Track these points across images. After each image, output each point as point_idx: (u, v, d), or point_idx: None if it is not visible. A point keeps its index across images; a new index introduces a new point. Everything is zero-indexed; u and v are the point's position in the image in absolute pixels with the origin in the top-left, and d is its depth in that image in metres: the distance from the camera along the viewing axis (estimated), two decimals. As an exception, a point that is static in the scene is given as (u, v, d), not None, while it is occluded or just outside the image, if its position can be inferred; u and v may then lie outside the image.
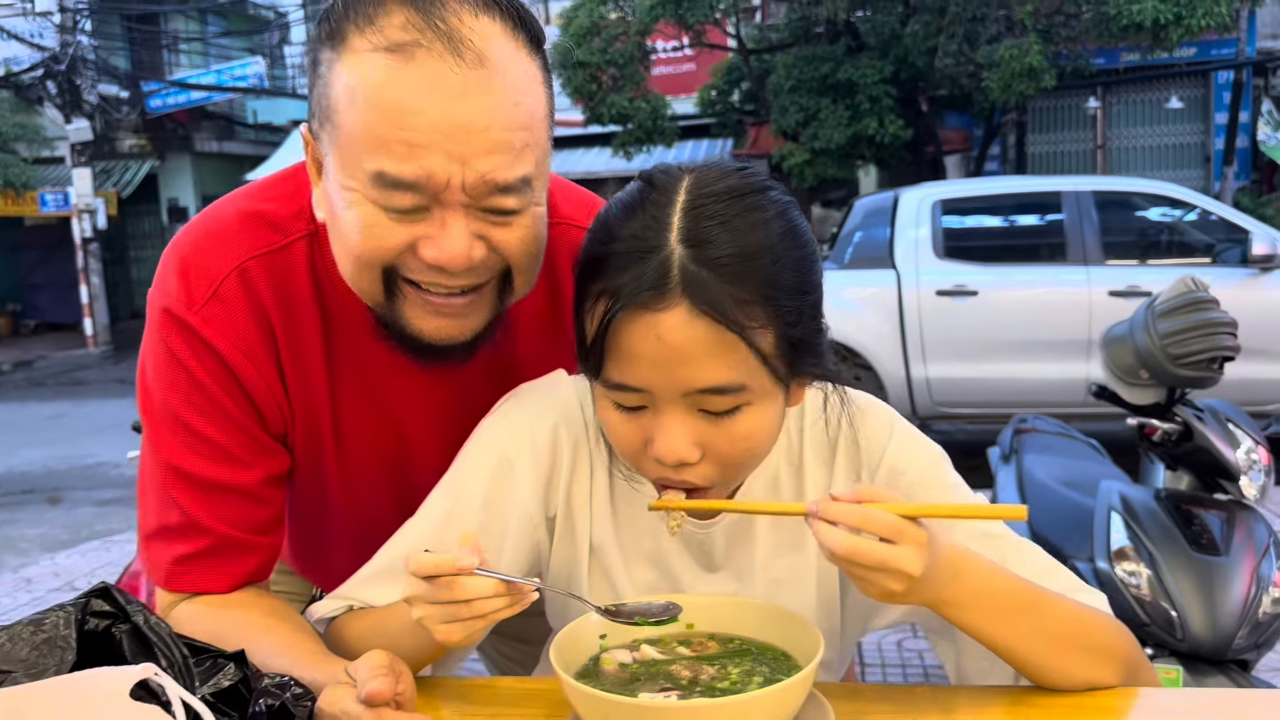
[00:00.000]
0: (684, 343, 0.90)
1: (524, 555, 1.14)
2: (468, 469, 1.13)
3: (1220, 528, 2.67)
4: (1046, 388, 6.29)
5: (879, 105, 11.85)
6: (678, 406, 0.94)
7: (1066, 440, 3.80)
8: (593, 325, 0.94)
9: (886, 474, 1.10)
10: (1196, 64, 14.41)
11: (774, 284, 0.92)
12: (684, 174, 0.96)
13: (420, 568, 0.90)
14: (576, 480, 1.13)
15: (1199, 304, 2.59)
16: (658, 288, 0.89)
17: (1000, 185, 8.46)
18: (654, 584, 1.13)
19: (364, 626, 1.11)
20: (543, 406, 1.14)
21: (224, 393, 1.14)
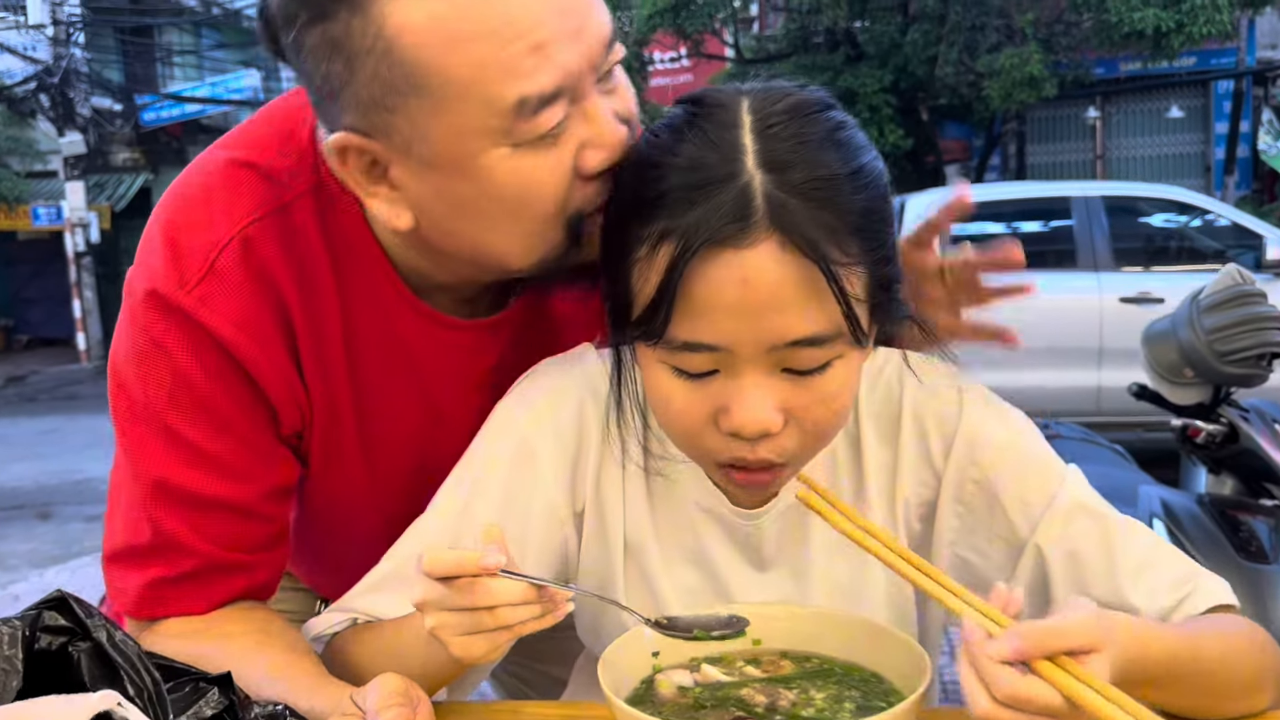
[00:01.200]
0: (775, 285, 0.75)
1: (550, 555, 0.99)
2: (485, 456, 0.98)
3: (1268, 534, 2.54)
4: (1059, 395, 6.17)
5: (878, 114, 11.79)
6: (759, 366, 0.79)
7: (1093, 447, 3.66)
8: (653, 275, 0.78)
9: (962, 449, 0.94)
10: (1196, 73, 14.37)
11: (864, 211, 0.78)
12: (741, 95, 0.82)
13: (436, 567, 0.75)
14: (606, 468, 0.98)
15: (1246, 298, 2.46)
16: (741, 219, 0.74)
17: (1009, 191, 8.34)
18: (698, 586, 0.98)
19: (370, 643, 0.95)
20: (567, 384, 0.99)
21: (222, 390, 0.95)
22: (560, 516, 0.98)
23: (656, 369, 0.83)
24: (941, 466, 0.96)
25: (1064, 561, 0.92)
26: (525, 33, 0.78)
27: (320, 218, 0.97)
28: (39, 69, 15.79)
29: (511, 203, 0.84)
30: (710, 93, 0.83)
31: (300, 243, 0.96)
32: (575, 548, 1.00)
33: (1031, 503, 0.93)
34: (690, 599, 0.97)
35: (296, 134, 0.98)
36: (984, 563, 0.96)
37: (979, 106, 12.00)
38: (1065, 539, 0.92)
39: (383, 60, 0.79)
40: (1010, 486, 0.94)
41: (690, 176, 0.77)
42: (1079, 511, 0.92)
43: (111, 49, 17.89)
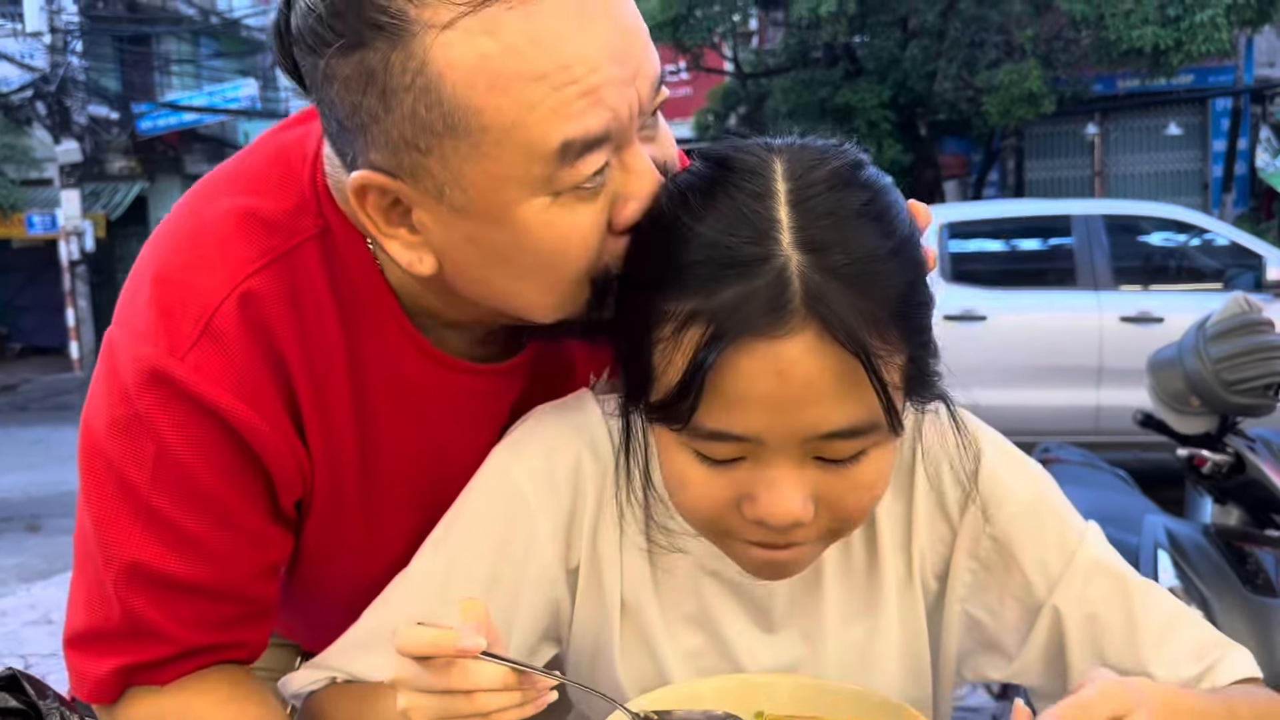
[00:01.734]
0: (811, 377, 0.70)
1: (541, 618, 0.93)
2: (475, 509, 0.92)
3: (1275, 566, 2.50)
4: (1058, 415, 6.13)
5: (877, 130, 11.79)
6: (790, 456, 0.74)
7: (1094, 471, 3.62)
8: (678, 359, 0.72)
9: (982, 502, 0.89)
10: (1195, 91, 14.40)
11: (905, 293, 0.72)
12: (773, 155, 0.76)
13: (411, 646, 0.70)
14: (604, 524, 0.92)
15: (1253, 326, 2.42)
16: (778, 309, 0.69)
17: (1008, 209, 8.33)
18: (700, 650, 0.92)
19: (345, 707, 0.90)
20: (564, 433, 0.93)
21: (213, 469, 0.86)
22: (553, 574, 0.92)
23: (675, 450, 0.77)
24: (957, 520, 0.91)
25: (1082, 625, 0.87)
26: (580, 78, 0.73)
27: (326, 263, 0.89)
28: (36, 76, 15.76)
29: (546, 256, 0.79)
30: (740, 154, 0.77)
31: (305, 292, 0.88)
32: (569, 607, 0.94)
33: (1050, 562, 0.88)
34: (691, 663, 0.91)
35: (297, 173, 0.90)
36: (995, 623, 0.91)
37: (978, 122, 12.01)
38: (1084, 601, 0.87)
39: (421, 98, 0.73)
40: (1028, 544, 0.89)
41: (721, 254, 0.71)
42: (1098, 572, 0.88)
43: (109, 57, 17.86)
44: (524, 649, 0.92)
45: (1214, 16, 10.32)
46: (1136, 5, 10.41)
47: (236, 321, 0.85)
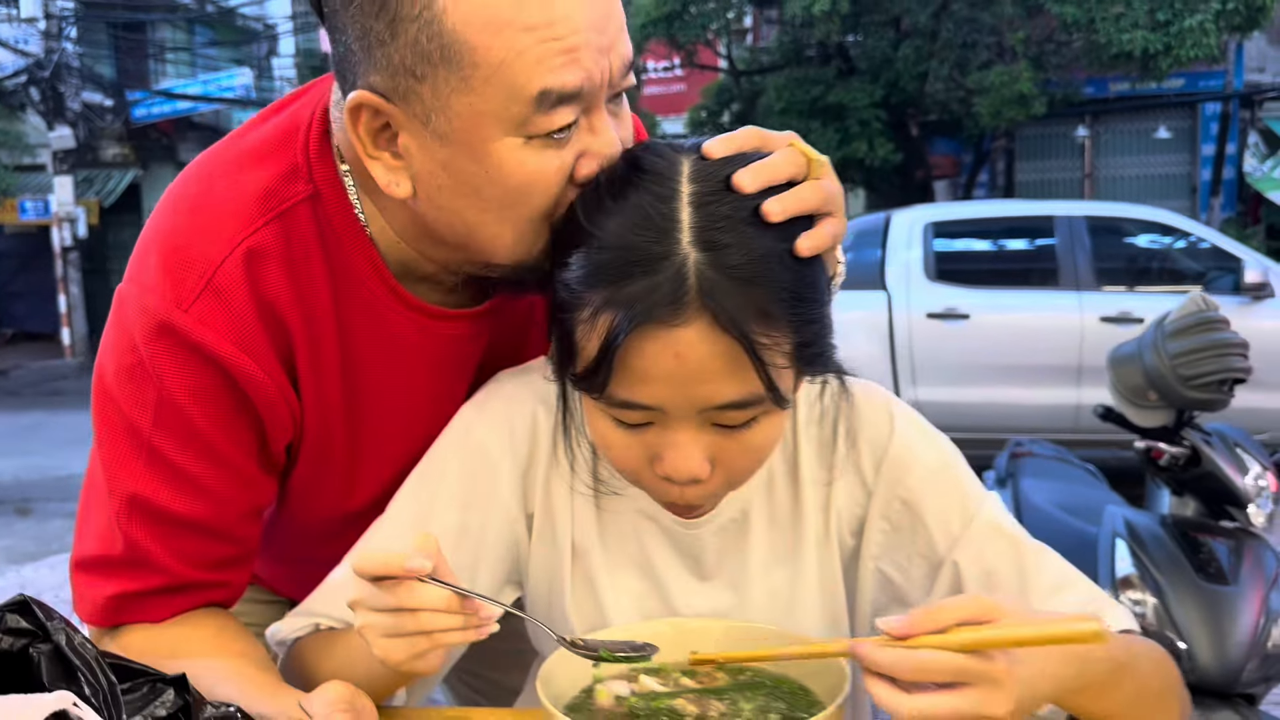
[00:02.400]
0: (703, 359, 0.80)
1: (504, 558, 1.04)
2: (443, 460, 1.03)
3: (1228, 556, 2.59)
4: (1037, 413, 6.22)
5: (869, 129, 11.87)
6: (689, 422, 0.84)
7: (1063, 465, 3.71)
8: (594, 339, 0.82)
9: (891, 468, 0.99)
10: (1184, 95, 14.49)
11: (794, 285, 0.82)
12: (681, 157, 0.85)
13: (365, 566, 0.79)
14: (556, 474, 1.03)
15: (1210, 324, 2.51)
16: (675, 302, 0.79)
17: (992, 209, 8.41)
18: (642, 594, 1.02)
19: (325, 650, 0.99)
20: (522, 394, 1.04)
21: (212, 414, 0.96)
22: (512, 517, 1.03)
23: (597, 414, 0.88)
24: (872, 484, 1.00)
25: (979, 579, 0.96)
26: (564, 35, 0.83)
27: (316, 223, 0.98)
28: (30, 62, 15.75)
29: (513, 192, 0.88)
30: (650, 156, 0.86)
31: (298, 250, 0.98)
32: (526, 549, 1.04)
33: (952, 522, 0.97)
34: (633, 605, 1.01)
35: (292, 142, 0.99)
36: (904, 579, 1.00)
37: (969, 123, 12.10)
38: (981, 559, 0.96)
39: (425, 29, 0.82)
40: (933, 506, 0.98)
41: (630, 251, 0.80)
42: (995, 534, 0.97)
43: (104, 44, 17.85)
44: (490, 590, 1.02)
45: (1203, 22, 10.40)
46: (1126, 9, 10.48)
47: (238, 278, 0.95)
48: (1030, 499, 3.36)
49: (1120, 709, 0.85)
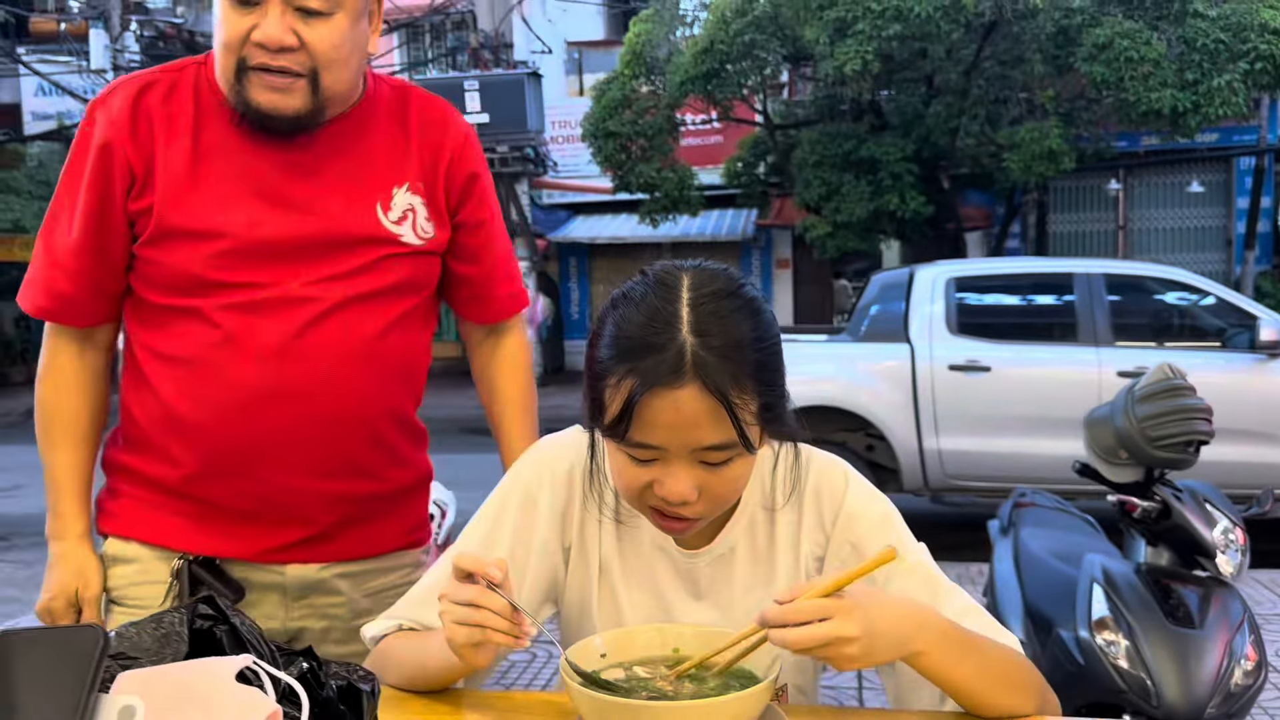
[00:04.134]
0: (695, 413, 1.11)
1: (544, 580, 1.36)
2: (500, 502, 1.38)
3: (1197, 602, 2.83)
4: (1055, 464, 6.38)
5: (900, 182, 12.13)
6: (684, 459, 1.15)
7: (1062, 515, 3.96)
8: (618, 399, 1.13)
9: (845, 519, 1.30)
10: (1217, 149, 14.66)
11: (759, 363, 1.15)
12: (683, 274, 1.18)
13: (462, 562, 1.12)
14: (588, 514, 1.36)
15: (1176, 390, 2.78)
16: (676, 372, 1.10)
17: (1013, 265, 8.68)
18: (650, 608, 1.33)
19: (406, 644, 1.31)
20: (562, 450, 1.38)
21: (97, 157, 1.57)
22: (551, 550, 1.36)
23: (616, 453, 1.21)
24: (829, 530, 1.32)
25: None
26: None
27: (195, 78, 1.62)
28: (99, 111, 16.46)
29: (220, 40, 1.52)
30: (661, 272, 1.20)
31: (179, 88, 1.61)
32: (563, 576, 1.37)
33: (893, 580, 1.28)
34: (644, 618, 1.32)
35: None
36: None
37: (1000, 177, 12.32)
38: (905, 591, 1.25)
39: None
40: (874, 549, 1.29)
41: (644, 338, 1.13)
42: (919, 572, 1.27)
43: (168, 93, 18.59)
44: (531, 607, 1.35)
45: (1231, 81, 10.61)
46: (1155, 69, 10.69)
47: (129, 91, 1.59)
48: (1028, 546, 3.61)
49: (966, 681, 1.14)
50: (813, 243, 12.94)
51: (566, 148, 16.80)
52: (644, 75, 13.07)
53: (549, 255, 15.93)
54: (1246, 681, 2.74)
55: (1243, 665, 2.75)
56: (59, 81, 16.54)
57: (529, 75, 14.36)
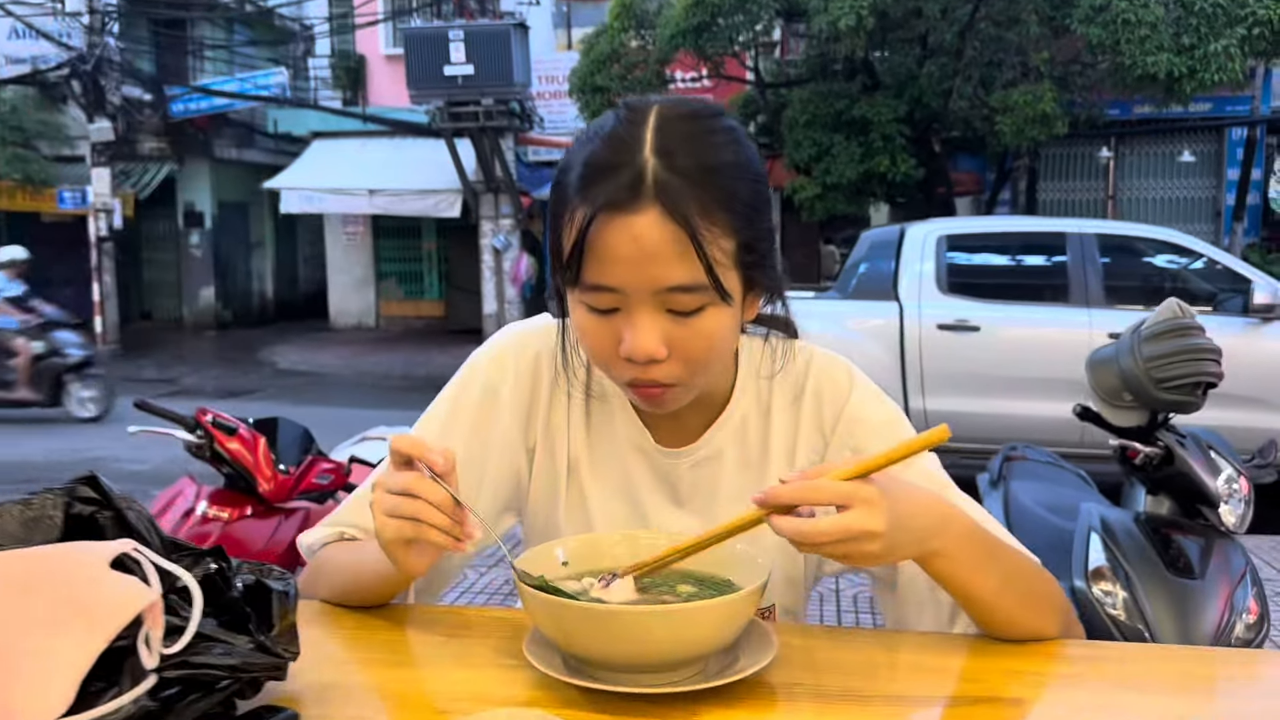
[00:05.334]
0: (656, 243, 0.95)
1: (504, 483, 1.20)
2: (455, 394, 1.21)
3: (1197, 553, 2.71)
4: (1042, 425, 6.32)
5: (892, 144, 11.96)
6: (647, 306, 0.98)
7: (1055, 469, 3.84)
8: (573, 232, 0.98)
9: (846, 423, 1.15)
10: (1210, 119, 14.53)
11: (733, 195, 0.98)
12: (653, 102, 1.02)
13: (400, 445, 0.96)
14: (555, 407, 1.20)
15: (1185, 330, 2.64)
16: (633, 190, 0.95)
17: (1005, 224, 8.54)
18: (625, 516, 1.18)
19: (343, 553, 1.15)
20: (527, 337, 1.22)
21: None
22: (515, 449, 1.20)
23: (578, 307, 1.04)
24: (829, 434, 1.16)
25: None
26: None
27: None
28: (72, 55, 16.12)
29: None
30: (631, 100, 1.04)
31: None
32: (526, 477, 1.21)
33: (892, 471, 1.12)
34: (617, 525, 1.17)
35: None
36: None
37: (992, 141, 12.15)
38: None
39: None
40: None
41: (606, 158, 0.98)
42: (926, 479, 1.11)
43: (145, 39, 18.23)
44: (489, 515, 1.19)
45: (1228, 46, 10.45)
46: (1152, 32, 10.52)
47: None
48: (1018, 499, 3.49)
49: (987, 593, 0.99)
50: (801, 205, 12.74)
51: (553, 103, 16.50)
52: (633, 29, 12.79)
53: (533, 213, 15.68)
54: (1248, 635, 2.62)
55: (1244, 619, 2.64)
56: (32, 24, 16.11)
57: (515, 26, 14.05)
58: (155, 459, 7.29)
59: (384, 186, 16.02)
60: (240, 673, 0.83)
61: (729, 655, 0.94)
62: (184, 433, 3.21)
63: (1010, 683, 0.95)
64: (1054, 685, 0.96)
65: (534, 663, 0.91)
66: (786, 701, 0.90)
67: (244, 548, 3.14)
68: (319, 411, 10.12)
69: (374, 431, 4.11)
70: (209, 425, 3.17)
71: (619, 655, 0.88)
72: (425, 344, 15.94)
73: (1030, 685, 0.95)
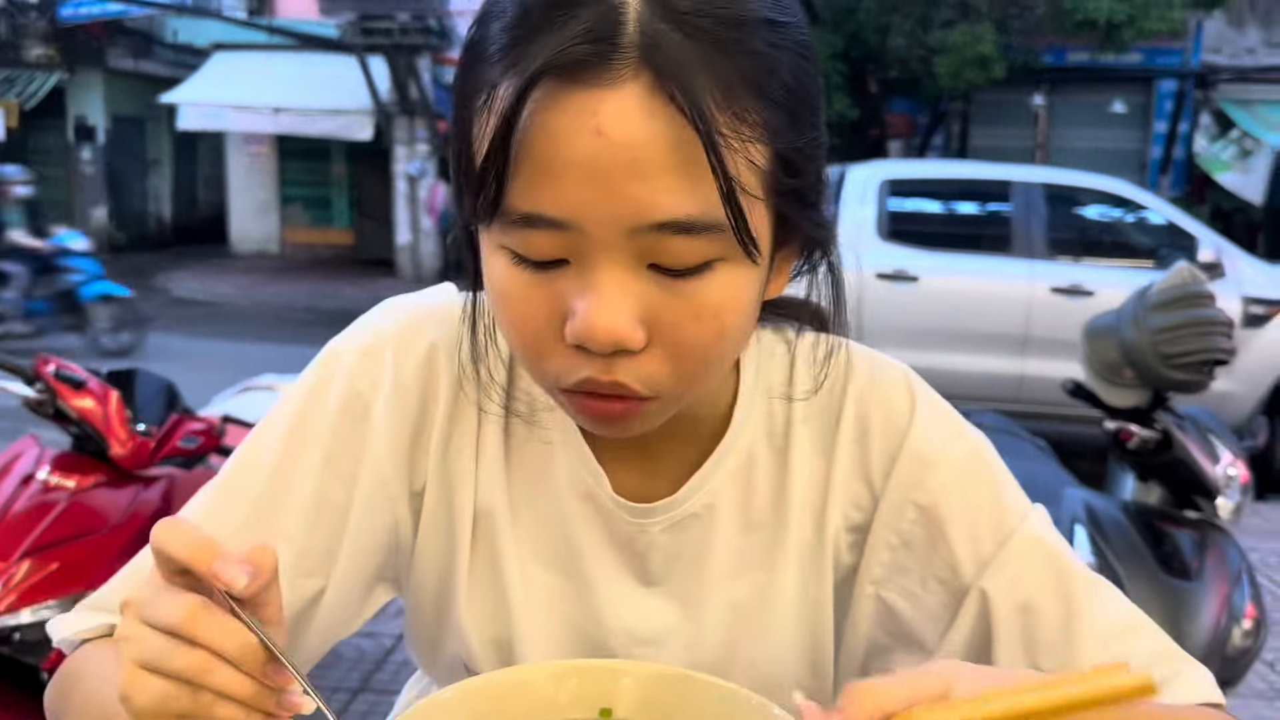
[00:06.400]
0: (638, 140, 0.53)
1: (374, 546, 0.76)
2: (305, 405, 0.75)
3: (1192, 549, 2.43)
4: (981, 380, 6.12)
5: (828, 81, 11.63)
6: (618, 256, 0.57)
7: (1013, 439, 3.53)
8: (489, 125, 0.56)
9: (908, 464, 0.74)
10: (1141, 70, 14.45)
11: (771, 73, 0.56)
12: None
13: (167, 545, 0.51)
14: (458, 430, 0.76)
15: (1196, 299, 2.31)
16: (602, 42, 0.52)
17: (950, 170, 8.23)
18: (561, 594, 0.76)
19: (100, 668, 0.70)
20: (416, 323, 0.76)
21: None
22: (392, 491, 0.76)
23: (495, 259, 0.60)
24: (881, 484, 0.75)
25: (1013, 616, 0.71)
26: None
27: None
28: (-52, -52, 14.82)
29: None
30: None
31: None
32: (410, 533, 0.77)
33: (983, 538, 0.72)
34: (547, 611, 0.75)
35: None
36: (915, 610, 0.74)
37: (928, 84, 11.95)
38: (1018, 589, 0.71)
39: None
40: (960, 516, 0.73)
41: (548, 6, 0.54)
42: (1041, 558, 0.72)
43: (30, -65, 16.87)
44: (353, 591, 0.76)
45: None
46: (1095, -24, 10.37)
47: None
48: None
49: None
50: (731, 142, 12.38)
51: (474, 23, 15.77)
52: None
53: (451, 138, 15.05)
54: (1245, 643, 2.35)
55: (1241, 624, 2.36)
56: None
57: (435, -64, 13.31)
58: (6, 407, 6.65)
59: (290, 104, 15.10)
60: None
61: None
62: (21, 385, 2.69)
63: None
64: None
65: None
66: None
67: (97, 520, 2.66)
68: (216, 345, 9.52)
69: (259, 380, 3.59)
70: (51, 378, 2.65)
71: None
72: (333, 274, 15.22)
73: None
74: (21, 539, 2.54)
